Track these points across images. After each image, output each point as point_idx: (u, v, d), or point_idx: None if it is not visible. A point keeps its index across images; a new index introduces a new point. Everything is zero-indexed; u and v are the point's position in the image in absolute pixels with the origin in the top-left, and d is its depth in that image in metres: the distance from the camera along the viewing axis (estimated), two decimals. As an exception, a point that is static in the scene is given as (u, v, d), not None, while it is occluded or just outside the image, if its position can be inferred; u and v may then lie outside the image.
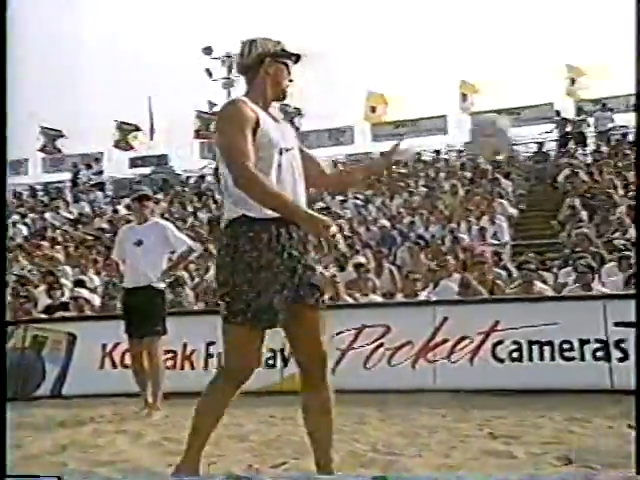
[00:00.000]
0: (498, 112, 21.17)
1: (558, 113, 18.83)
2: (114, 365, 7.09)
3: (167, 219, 9.74)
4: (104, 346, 7.14)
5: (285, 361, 6.48)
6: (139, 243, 5.61)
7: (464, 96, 21.61)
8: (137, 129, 23.52)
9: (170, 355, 6.74)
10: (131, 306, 5.62)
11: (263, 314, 2.67)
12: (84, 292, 8.72)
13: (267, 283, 2.68)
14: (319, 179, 3.07)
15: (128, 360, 6.86)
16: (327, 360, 2.85)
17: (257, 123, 2.71)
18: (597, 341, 5.77)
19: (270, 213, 2.70)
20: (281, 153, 2.78)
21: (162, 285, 5.67)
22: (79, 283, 9.41)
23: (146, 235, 5.63)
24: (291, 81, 2.92)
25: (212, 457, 3.81)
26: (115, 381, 6.80)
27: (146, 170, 22.81)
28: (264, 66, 2.84)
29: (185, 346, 6.89)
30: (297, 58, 2.95)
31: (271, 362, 6.60)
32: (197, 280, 9.91)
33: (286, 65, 2.89)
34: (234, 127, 2.69)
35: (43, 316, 8.25)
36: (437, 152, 18.25)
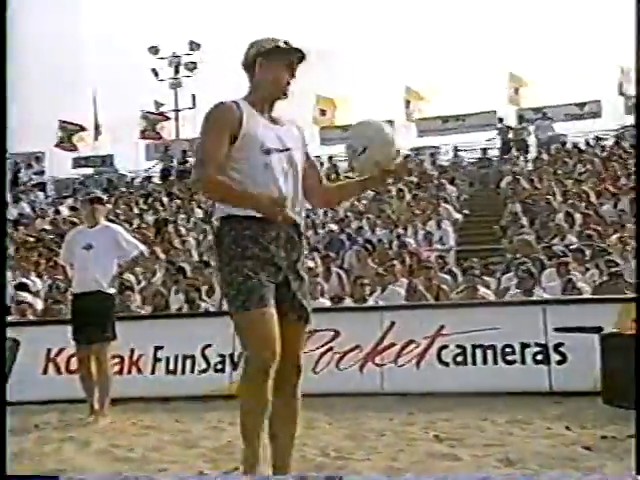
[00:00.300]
0: (443, 119, 21.69)
1: (501, 120, 19.33)
2: (58, 371, 6.96)
3: (112, 221, 9.60)
4: (48, 351, 7.01)
5: (234, 365, 6.51)
6: (89, 247, 5.50)
7: (407, 102, 21.99)
8: (82, 129, 23.03)
9: (117, 360, 6.66)
10: (80, 311, 5.51)
11: (254, 294, 2.68)
12: (27, 296, 8.52)
13: (253, 269, 2.71)
14: (314, 190, 3.08)
15: (73, 365, 6.79)
16: (301, 372, 2.91)
17: (240, 124, 2.74)
18: (537, 345, 5.98)
19: (252, 212, 2.74)
20: (269, 153, 2.77)
21: (112, 290, 5.59)
22: (21, 287, 9.18)
23: (96, 239, 5.52)
24: (293, 77, 2.87)
25: (162, 464, 3.82)
26: (59, 387, 6.69)
27: (89, 170, 22.38)
28: (257, 66, 2.84)
29: (132, 351, 6.82)
30: (301, 55, 2.87)
31: (220, 367, 6.62)
32: (144, 284, 9.80)
33: (287, 63, 2.84)
34: (209, 130, 2.76)
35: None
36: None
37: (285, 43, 2.85)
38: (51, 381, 6.90)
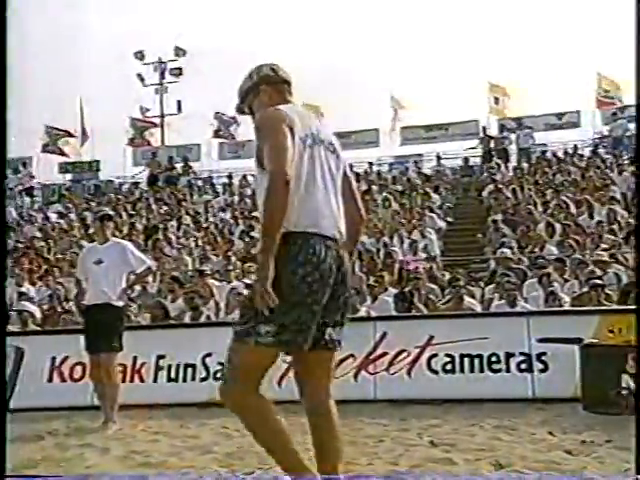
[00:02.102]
0: (427, 127, 22.09)
1: (484, 129, 19.72)
2: (63, 379, 7.22)
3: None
4: (53, 360, 7.26)
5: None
6: (99, 262, 5.85)
7: (395, 111, 22.40)
8: (69, 135, 23.09)
9: (120, 368, 6.92)
10: (90, 322, 5.85)
11: None
12: (28, 305, 8.72)
13: None
14: None
15: (77, 374, 7.09)
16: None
17: None
18: (521, 354, 6.36)
19: None
20: None
21: (121, 303, 5.90)
22: (21, 295, 9.37)
23: (106, 254, 5.87)
24: None
25: (181, 468, 4.11)
26: (64, 395, 6.96)
27: (70, 176, 22.47)
28: None
29: (135, 359, 7.08)
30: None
31: (219, 375, 6.90)
32: (137, 292, 9.96)
33: None
34: None
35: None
36: (370, 164, 18.70)
37: None
38: (56, 389, 7.16)
